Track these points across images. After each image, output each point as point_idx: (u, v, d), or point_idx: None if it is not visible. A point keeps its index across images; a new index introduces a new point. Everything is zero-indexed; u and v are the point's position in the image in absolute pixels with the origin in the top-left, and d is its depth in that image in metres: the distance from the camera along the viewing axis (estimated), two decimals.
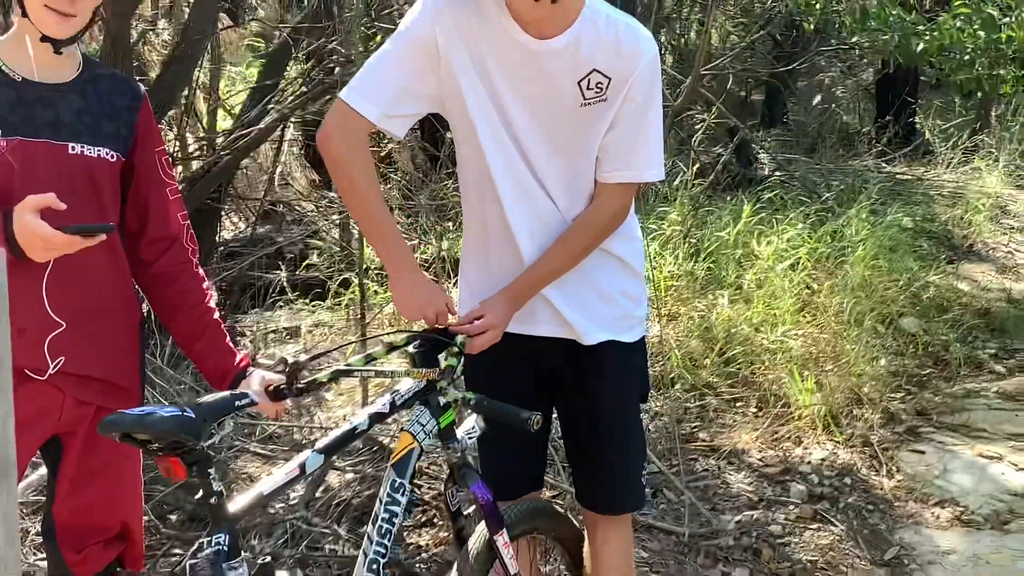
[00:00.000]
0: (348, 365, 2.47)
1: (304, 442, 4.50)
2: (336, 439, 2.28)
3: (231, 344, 2.56)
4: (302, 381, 2.35)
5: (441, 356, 2.42)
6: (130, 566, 2.64)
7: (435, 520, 3.86)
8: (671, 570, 3.79)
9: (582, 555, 2.85)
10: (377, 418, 2.35)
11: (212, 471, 2.00)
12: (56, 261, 2.25)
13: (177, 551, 3.64)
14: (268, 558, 2.10)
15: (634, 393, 2.75)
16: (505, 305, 2.51)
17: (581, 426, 2.73)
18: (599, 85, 2.42)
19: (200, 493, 2.02)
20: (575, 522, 2.98)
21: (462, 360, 2.43)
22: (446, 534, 3.76)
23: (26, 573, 3.34)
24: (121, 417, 1.98)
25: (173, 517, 3.87)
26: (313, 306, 5.77)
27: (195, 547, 2.00)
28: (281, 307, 5.79)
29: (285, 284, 5.67)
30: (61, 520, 2.48)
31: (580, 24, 2.37)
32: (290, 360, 2.36)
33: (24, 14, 2.28)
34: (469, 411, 2.44)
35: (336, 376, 2.43)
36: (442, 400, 2.38)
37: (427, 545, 3.76)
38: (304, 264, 6.24)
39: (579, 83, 2.41)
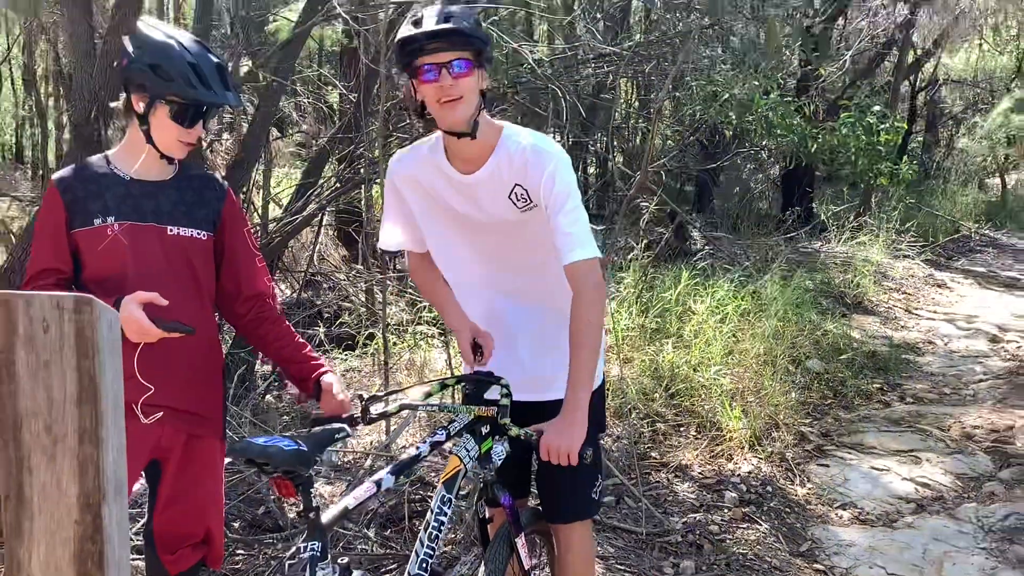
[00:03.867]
0: (412, 401, 2.45)
1: (340, 464, 4.46)
2: (405, 462, 2.24)
3: (311, 355, 2.55)
4: (375, 412, 2.33)
5: (496, 395, 2.38)
6: (211, 565, 2.64)
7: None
8: (632, 563, 3.76)
9: None
10: (435, 446, 2.30)
11: (312, 490, 1.96)
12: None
13: (240, 552, 3.55)
14: (346, 559, 2.04)
15: (590, 432, 2.60)
16: (577, 427, 2.26)
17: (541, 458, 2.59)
18: (524, 196, 2.37)
19: (301, 507, 1.98)
20: None
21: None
22: (454, 535, 3.73)
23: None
24: (248, 445, 1.92)
25: (236, 524, 3.81)
26: (345, 355, 5.75)
27: (292, 551, 1.95)
28: (320, 356, 5.76)
29: (323, 338, 5.65)
30: (159, 529, 2.48)
31: (495, 155, 2.36)
32: (365, 396, 2.32)
33: (149, 140, 2.34)
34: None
35: (402, 409, 2.42)
36: (508, 432, 2.31)
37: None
38: (338, 322, 6.22)
39: (509, 197, 2.38)
